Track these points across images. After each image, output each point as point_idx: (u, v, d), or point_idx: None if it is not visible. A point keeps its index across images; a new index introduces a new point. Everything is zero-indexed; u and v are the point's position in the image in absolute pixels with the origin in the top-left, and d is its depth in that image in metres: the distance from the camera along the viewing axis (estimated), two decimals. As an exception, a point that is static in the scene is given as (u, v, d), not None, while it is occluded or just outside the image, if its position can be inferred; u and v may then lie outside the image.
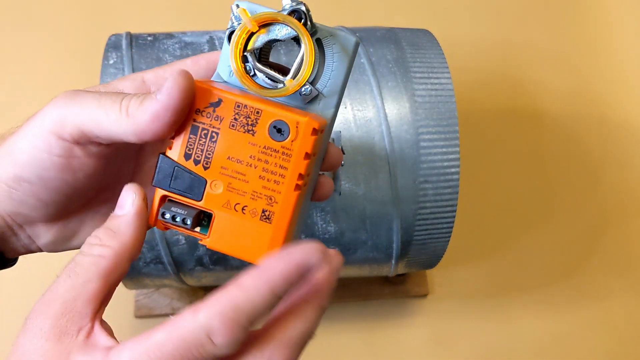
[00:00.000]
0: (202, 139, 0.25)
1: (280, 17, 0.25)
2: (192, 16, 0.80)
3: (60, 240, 0.28)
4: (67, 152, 0.25)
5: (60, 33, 0.77)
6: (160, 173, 0.25)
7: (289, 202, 0.25)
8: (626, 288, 0.70)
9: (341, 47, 0.26)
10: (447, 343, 0.66)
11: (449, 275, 0.68)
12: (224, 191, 0.25)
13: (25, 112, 0.29)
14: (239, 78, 0.25)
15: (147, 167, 0.29)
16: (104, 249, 0.24)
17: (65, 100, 0.25)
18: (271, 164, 0.25)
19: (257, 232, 0.25)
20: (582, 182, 0.75)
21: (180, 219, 0.25)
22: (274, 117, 0.25)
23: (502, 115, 0.77)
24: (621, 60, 0.81)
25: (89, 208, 0.28)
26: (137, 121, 0.24)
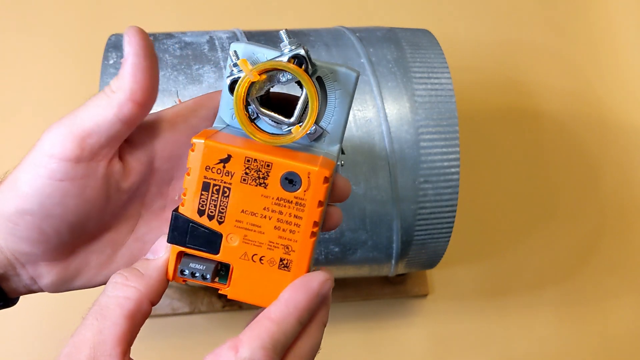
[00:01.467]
0: (214, 195, 0.25)
1: (281, 65, 0.25)
2: (192, 16, 0.80)
3: (63, 281, 0.28)
4: (69, 174, 0.25)
5: (60, 33, 0.77)
6: (175, 231, 0.26)
7: (306, 249, 0.26)
8: (626, 288, 0.70)
9: (341, 84, 0.27)
10: (447, 343, 0.66)
11: (449, 275, 0.68)
12: (241, 243, 0.26)
13: (25, 113, 0.29)
14: (245, 129, 0.26)
15: (154, 209, 0.29)
16: (130, 289, 0.25)
17: (56, 123, 0.25)
18: (285, 214, 0.25)
19: (276, 281, 0.26)
20: (582, 182, 0.75)
21: (200, 275, 0.26)
22: (285, 169, 0.25)
23: (502, 115, 0.77)
24: (621, 60, 0.81)
25: (93, 248, 0.28)
26: (124, 86, 0.25)
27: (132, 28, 0.25)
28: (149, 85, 0.25)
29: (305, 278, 0.26)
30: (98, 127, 0.25)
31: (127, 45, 0.25)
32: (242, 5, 0.81)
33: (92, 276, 0.28)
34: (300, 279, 0.26)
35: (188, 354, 0.63)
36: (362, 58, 0.49)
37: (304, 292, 0.25)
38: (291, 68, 0.25)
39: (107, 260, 0.28)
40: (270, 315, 0.24)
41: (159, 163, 0.28)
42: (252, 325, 0.25)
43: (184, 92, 0.46)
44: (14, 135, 0.70)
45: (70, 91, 0.74)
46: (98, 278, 0.28)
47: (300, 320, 0.25)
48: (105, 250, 0.28)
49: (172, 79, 0.47)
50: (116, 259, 0.28)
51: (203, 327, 0.64)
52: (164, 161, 0.28)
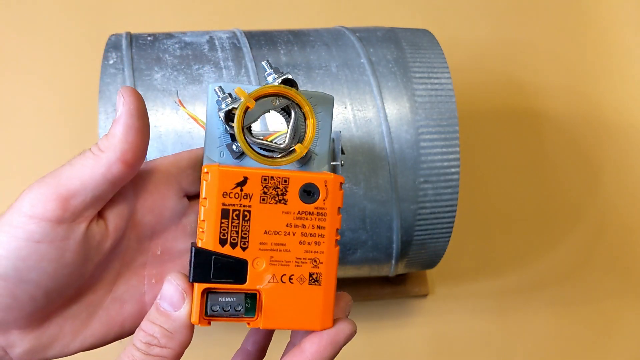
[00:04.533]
0: (234, 221, 0.25)
1: (277, 89, 0.25)
2: (192, 16, 0.80)
3: (36, 350, 0.26)
4: (49, 236, 0.23)
5: (60, 33, 0.77)
6: (197, 267, 0.25)
7: (333, 259, 0.26)
8: (626, 288, 0.70)
9: (322, 106, 0.27)
10: (447, 343, 0.66)
11: (449, 275, 0.68)
12: (267, 266, 0.25)
13: (25, 113, 0.28)
14: (249, 154, 0.25)
15: (134, 266, 0.28)
16: (165, 350, 0.25)
17: (37, 182, 0.24)
18: (308, 227, 0.25)
19: (309, 298, 0.26)
20: (582, 181, 0.75)
21: (232, 308, 0.25)
22: (303, 181, 0.25)
23: (502, 115, 0.77)
24: (622, 60, 0.81)
25: (68, 313, 0.26)
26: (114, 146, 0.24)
27: (126, 88, 0.25)
28: (141, 146, 0.25)
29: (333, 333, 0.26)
30: (84, 187, 0.24)
31: (121, 105, 0.24)
32: (242, 5, 0.81)
33: (66, 343, 0.26)
34: (328, 333, 0.26)
35: (188, 354, 0.63)
36: (362, 58, 0.49)
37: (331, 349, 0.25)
38: (287, 91, 0.26)
39: (83, 325, 0.26)
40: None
41: (140, 216, 0.27)
42: None
43: (184, 92, 0.46)
44: (13, 135, 0.70)
45: (70, 91, 0.74)
46: (73, 345, 0.26)
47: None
48: (80, 314, 0.26)
49: (172, 79, 0.47)
50: (92, 323, 0.27)
51: (203, 328, 0.64)
52: (145, 214, 0.27)
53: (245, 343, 0.33)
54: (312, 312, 0.26)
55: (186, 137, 0.45)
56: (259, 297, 0.25)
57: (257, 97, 0.26)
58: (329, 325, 0.26)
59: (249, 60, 0.48)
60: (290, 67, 0.48)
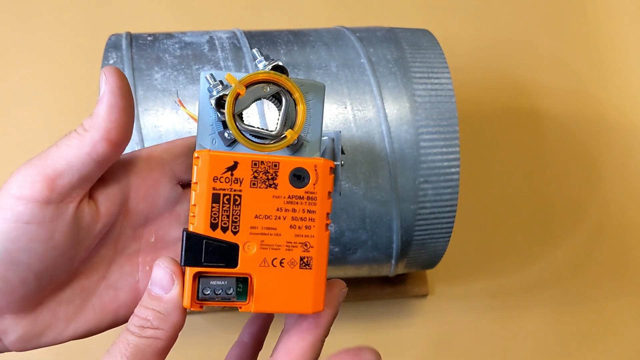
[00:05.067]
0: (225, 205, 0.25)
1: (267, 75, 0.26)
2: (192, 16, 0.80)
3: (30, 336, 0.26)
4: (37, 217, 0.23)
5: (60, 33, 0.77)
6: (189, 251, 0.25)
7: (324, 243, 0.26)
8: (626, 288, 0.70)
9: (313, 93, 0.27)
10: (447, 343, 0.66)
11: (449, 275, 0.68)
12: (258, 250, 0.25)
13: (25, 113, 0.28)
14: (240, 140, 0.26)
15: (128, 252, 0.28)
16: (158, 331, 0.25)
17: (25, 163, 0.24)
18: (299, 211, 0.26)
19: (300, 281, 0.26)
20: (582, 181, 0.75)
21: (223, 291, 0.25)
22: (293, 165, 0.25)
23: (502, 115, 0.77)
24: (621, 60, 0.81)
25: (61, 298, 0.26)
26: (98, 125, 0.24)
27: (109, 67, 0.25)
28: (125, 125, 0.25)
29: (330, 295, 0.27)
30: (70, 167, 0.24)
31: (104, 84, 0.24)
32: (242, 5, 0.81)
33: (60, 330, 0.26)
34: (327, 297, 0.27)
35: (188, 354, 0.63)
36: (362, 58, 0.49)
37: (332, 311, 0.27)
38: (278, 77, 0.26)
39: (76, 311, 0.26)
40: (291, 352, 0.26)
41: (133, 203, 0.27)
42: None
43: (184, 92, 0.46)
44: (13, 135, 0.70)
45: (70, 91, 0.74)
46: (67, 332, 0.26)
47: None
48: (74, 300, 0.26)
49: (172, 79, 0.47)
50: (86, 309, 0.27)
51: (203, 327, 0.64)
52: (138, 201, 0.27)
53: (242, 335, 0.33)
54: (304, 296, 0.26)
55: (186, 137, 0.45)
56: (251, 281, 0.25)
57: (248, 84, 0.26)
58: (320, 308, 0.27)
59: (249, 60, 0.48)
60: (290, 67, 0.48)
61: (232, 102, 0.25)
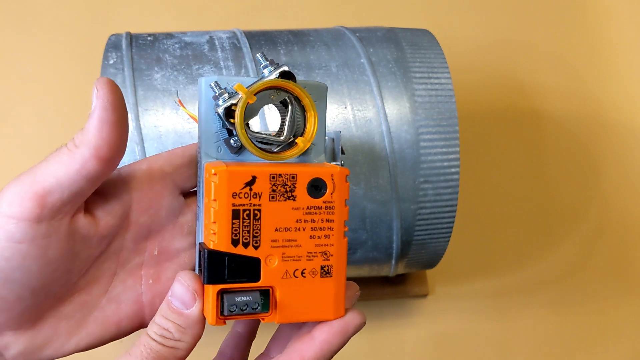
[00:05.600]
0: (245, 220, 0.25)
1: (276, 83, 0.26)
2: (192, 16, 0.80)
3: (31, 351, 0.26)
4: (29, 235, 0.23)
5: (60, 33, 0.77)
6: (212, 269, 0.25)
7: (343, 250, 0.26)
8: (626, 289, 0.70)
9: (316, 95, 0.27)
10: (447, 343, 0.66)
11: (449, 275, 0.68)
12: (280, 262, 0.25)
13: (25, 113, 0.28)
14: (251, 150, 0.26)
15: (131, 266, 0.28)
16: (178, 343, 0.25)
17: (14, 180, 0.24)
18: (318, 221, 0.26)
19: (321, 289, 0.26)
20: (582, 181, 0.75)
21: (249, 307, 0.25)
22: (310, 176, 0.25)
23: (502, 115, 0.77)
24: (621, 60, 0.81)
25: (62, 313, 0.26)
26: (88, 141, 0.23)
27: (101, 79, 0.24)
28: (117, 141, 0.24)
29: (343, 322, 0.26)
30: (59, 184, 0.23)
31: (95, 97, 0.23)
32: (242, 5, 0.81)
33: (61, 344, 0.26)
34: (338, 322, 0.26)
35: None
36: (362, 58, 0.49)
37: (340, 338, 0.26)
38: (286, 84, 0.26)
39: (78, 325, 0.26)
40: (305, 356, 0.25)
41: (135, 216, 0.27)
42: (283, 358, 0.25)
43: (184, 92, 0.46)
44: (13, 135, 0.70)
45: (70, 91, 0.74)
46: (68, 346, 0.26)
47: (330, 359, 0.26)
48: (75, 315, 0.26)
49: (172, 79, 0.47)
50: (87, 323, 0.26)
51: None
52: (140, 214, 0.27)
53: (235, 326, 0.33)
54: (325, 304, 0.26)
55: (186, 137, 0.45)
56: (272, 292, 0.26)
57: (257, 92, 0.26)
58: (341, 314, 0.27)
59: (249, 61, 0.48)
60: (290, 67, 0.48)
61: (242, 111, 0.25)
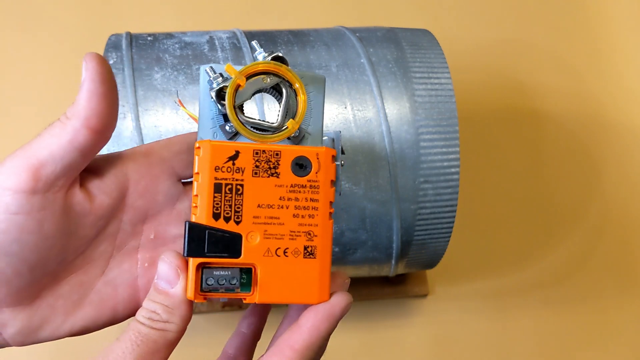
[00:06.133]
0: (227, 195, 0.25)
1: (267, 65, 0.26)
2: (192, 16, 0.80)
3: (29, 330, 0.26)
4: (25, 207, 0.23)
5: (60, 33, 0.77)
6: (191, 242, 0.25)
7: (327, 231, 0.26)
8: (626, 289, 0.70)
9: (313, 85, 0.27)
10: (447, 343, 0.66)
11: (449, 275, 0.68)
12: (262, 240, 0.25)
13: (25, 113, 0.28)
14: (241, 131, 0.25)
15: (127, 249, 0.28)
16: (168, 324, 0.25)
17: (10, 155, 0.24)
18: (302, 199, 0.25)
19: (304, 271, 0.26)
20: (582, 181, 0.75)
21: (227, 281, 0.25)
22: (295, 154, 0.25)
23: (502, 115, 0.77)
24: (621, 60, 0.81)
25: (59, 292, 0.26)
26: (78, 113, 0.24)
27: (89, 54, 0.25)
28: (106, 112, 0.25)
29: (329, 306, 0.26)
30: (52, 156, 0.24)
31: (84, 70, 0.24)
32: (242, 5, 0.81)
33: (58, 325, 0.26)
34: (324, 306, 0.25)
35: (188, 354, 0.63)
36: (362, 58, 0.49)
37: (328, 323, 0.25)
38: (278, 67, 0.26)
39: (74, 306, 0.26)
40: (294, 346, 0.25)
41: (132, 199, 0.27)
42: (273, 351, 0.25)
43: (184, 92, 0.46)
44: (13, 135, 0.70)
45: (70, 91, 0.74)
46: (64, 327, 0.26)
47: (321, 347, 0.25)
48: (72, 295, 0.26)
49: (172, 79, 0.47)
50: (84, 305, 0.27)
51: (203, 327, 0.64)
52: (137, 197, 0.27)
53: (240, 326, 0.33)
54: (309, 286, 0.25)
55: (186, 137, 0.45)
56: (254, 272, 0.25)
57: (248, 75, 0.26)
58: (325, 298, 0.26)
59: (249, 60, 0.48)
60: (290, 67, 0.48)
61: (232, 93, 0.25)
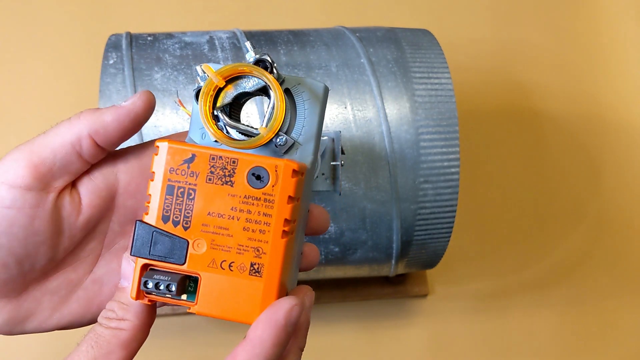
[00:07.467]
0: (179, 198, 0.24)
1: (246, 67, 0.24)
2: (192, 16, 0.80)
3: (15, 321, 0.26)
4: (18, 202, 0.24)
5: (60, 33, 0.77)
6: (138, 240, 0.24)
7: (278, 251, 0.24)
8: (626, 288, 0.70)
9: (311, 93, 0.26)
10: (447, 343, 0.66)
11: (449, 275, 0.68)
12: (208, 250, 0.24)
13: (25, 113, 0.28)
14: (210, 132, 0.24)
15: (116, 248, 0.28)
16: (122, 322, 0.25)
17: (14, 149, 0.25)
18: (254, 213, 0.24)
19: (247, 289, 0.24)
20: (582, 181, 0.75)
21: (164, 286, 0.24)
22: (252, 164, 0.24)
23: (502, 115, 0.77)
24: (621, 60, 0.81)
25: (46, 288, 0.27)
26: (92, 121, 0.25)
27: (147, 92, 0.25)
28: (117, 139, 0.25)
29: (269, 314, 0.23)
30: (54, 156, 0.24)
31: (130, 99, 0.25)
32: (242, 5, 0.81)
33: (44, 318, 0.27)
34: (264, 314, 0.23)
35: (188, 354, 0.63)
36: (362, 58, 0.49)
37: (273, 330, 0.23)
38: (256, 69, 0.24)
39: (61, 302, 0.27)
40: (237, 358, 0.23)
41: (122, 199, 0.27)
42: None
43: (184, 92, 0.46)
44: (13, 135, 0.70)
45: (70, 91, 0.74)
46: (51, 321, 0.27)
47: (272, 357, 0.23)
48: (59, 291, 0.27)
49: (172, 79, 0.47)
50: (70, 302, 0.27)
51: (203, 327, 0.64)
52: (127, 197, 0.27)
53: None
54: (250, 304, 0.24)
55: (186, 137, 0.45)
56: (200, 281, 0.24)
57: (227, 77, 0.25)
58: None
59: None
60: (290, 67, 0.48)
61: (207, 93, 0.24)
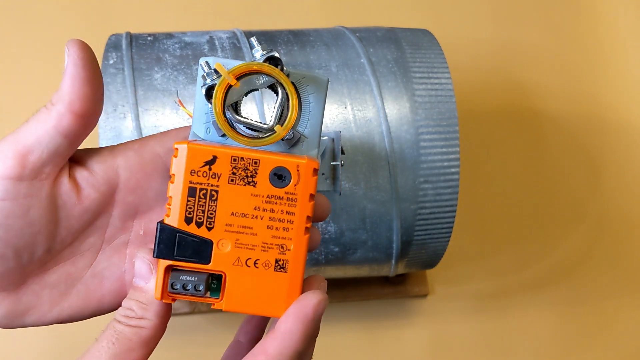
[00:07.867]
0: (201, 200, 0.24)
1: (258, 66, 0.25)
2: (192, 16, 0.80)
3: (14, 315, 0.26)
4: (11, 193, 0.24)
5: (60, 33, 0.77)
6: (161, 243, 0.24)
7: (302, 247, 0.25)
8: (626, 288, 0.70)
9: (314, 87, 0.26)
10: (447, 343, 0.66)
11: (449, 275, 0.68)
12: (233, 249, 0.25)
13: (24, 113, 0.28)
14: (227, 133, 0.25)
15: (116, 243, 0.28)
16: (142, 321, 0.25)
17: None
18: (277, 211, 0.25)
19: (273, 284, 0.25)
20: (582, 181, 0.75)
21: (192, 287, 0.25)
22: (274, 164, 0.25)
23: (502, 115, 0.77)
24: (621, 60, 0.81)
25: (45, 282, 0.27)
26: (62, 98, 0.24)
27: (72, 40, 0.25)
28: (89, 96, 0.25)
29: (298, 305, 0.24)
30: (39, 142, 0.24)
31: (66, 56, 0.24)
32: (242, 5, 0.81)
33: (44, 312, 0.27)
34: (293, 306, 0.24)
35: (188, 354, 0.63)
36: (362, 58, 0.49)
37: (302, 324, 0.24)
38: (268, 69, 0.25)
39: (61, 296, 0.27)
40: (267, 350, 0.24)
41: (122, 194, 0.27)
42: (248, 357, 0.24)
43: (184, 92, 0.46)
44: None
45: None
46: (50, 315, 0.27)
47: (300, 352, 0.24)
48: (58, 285, 0.27)
49: (172, 79, 0.47)
50: (70, 296, 0.27)
51: (203, 327, 0.64)
52: (128, 192, 0.27)
53: (238, 335, 0.33)
54: (276, 299, 0.25)
55: (186, 137, 0.45)
56: (224, 278, 0.25)
57: (239, 75, 0.25)
58: None
59: (249, 59, 0.48)
60: (290, 67, 0.48)
61: (220, 92, 0.25)
